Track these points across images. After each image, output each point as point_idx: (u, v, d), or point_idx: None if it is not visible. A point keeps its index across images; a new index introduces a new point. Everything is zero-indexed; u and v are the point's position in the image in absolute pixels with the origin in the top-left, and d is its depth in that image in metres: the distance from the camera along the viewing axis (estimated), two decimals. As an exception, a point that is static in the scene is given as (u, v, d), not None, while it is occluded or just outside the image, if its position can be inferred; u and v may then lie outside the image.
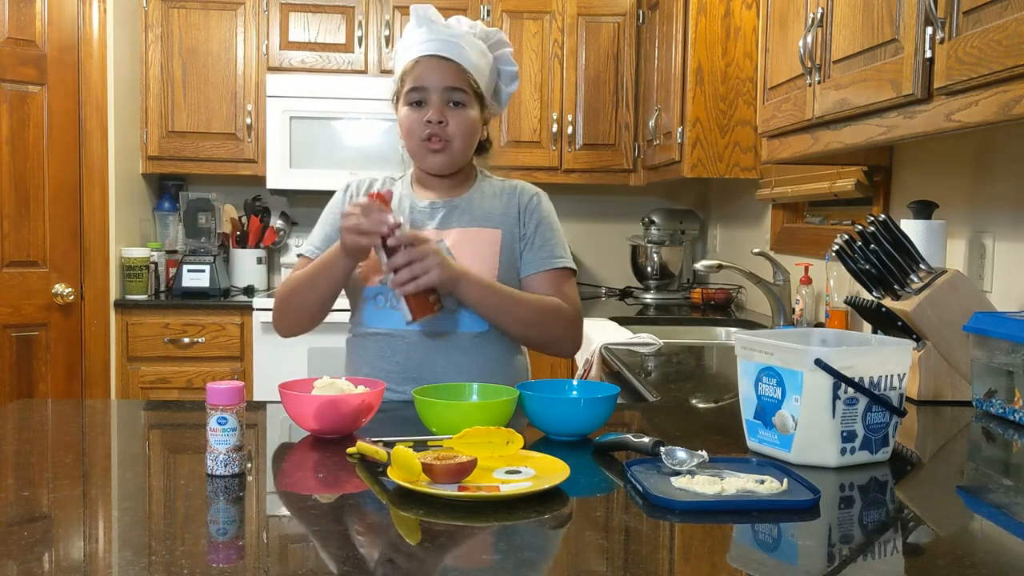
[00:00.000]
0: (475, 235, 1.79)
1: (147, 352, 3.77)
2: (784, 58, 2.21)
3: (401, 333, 1.76)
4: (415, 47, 1.77)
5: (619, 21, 4.11)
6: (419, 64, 1.76)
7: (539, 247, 1.82)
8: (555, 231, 1.85)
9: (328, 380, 1.44)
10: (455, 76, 1.76)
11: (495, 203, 1.84)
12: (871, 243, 1.80)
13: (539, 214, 1.84)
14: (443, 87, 1.75)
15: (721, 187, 4.22)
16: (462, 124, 1.77)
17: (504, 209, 1.83)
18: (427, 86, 1.76)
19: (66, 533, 1.00)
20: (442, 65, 1.76)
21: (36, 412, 1.63)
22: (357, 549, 0.97)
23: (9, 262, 3.44)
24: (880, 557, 0.97)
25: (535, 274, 1.81)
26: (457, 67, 1.76)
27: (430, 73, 1.76)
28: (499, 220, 1.82)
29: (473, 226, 1.80)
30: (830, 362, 1.23)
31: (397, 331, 1.76)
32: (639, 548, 0.98)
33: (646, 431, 1.48)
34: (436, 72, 1.76)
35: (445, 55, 1.76)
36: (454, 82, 1.76)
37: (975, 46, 1.40)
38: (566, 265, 1.83)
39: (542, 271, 1.81)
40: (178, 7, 3.97)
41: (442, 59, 1.75)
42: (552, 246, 1.83)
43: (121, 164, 3.81)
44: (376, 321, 1.79)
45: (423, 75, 1.76)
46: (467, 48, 1.78)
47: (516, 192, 1.86)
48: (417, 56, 1.76)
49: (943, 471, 1.39)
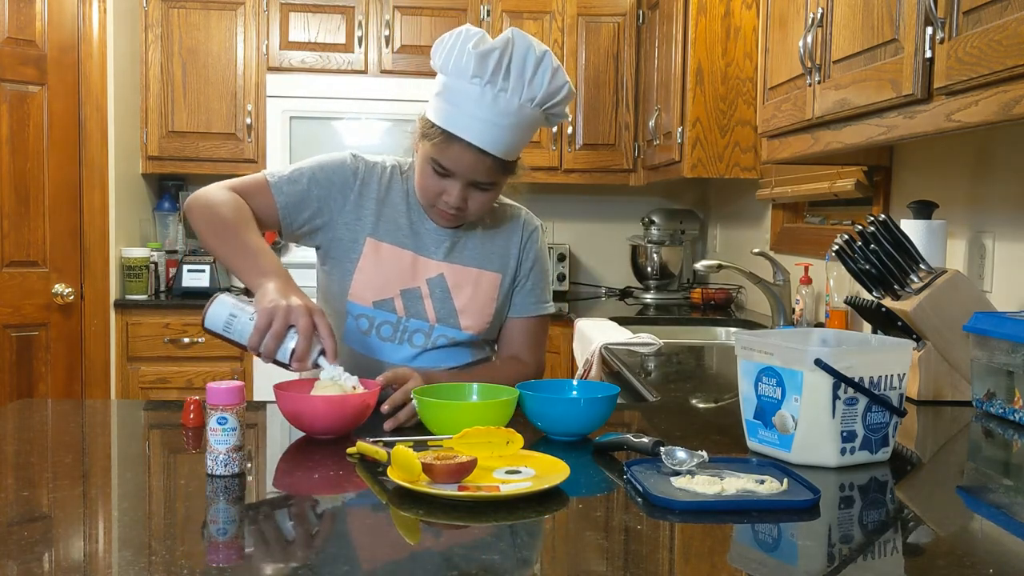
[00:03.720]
0: (476, 277, 1.71)
1: (147, 352, 3.77)
2: (784, 58, 2.21)
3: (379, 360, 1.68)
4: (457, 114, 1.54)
5: (619, 21, 4.11)
6: (453, 145, 1.55)
7: (529, 291, 1.78)
8: (545, 271, 1.81)
9: (328, 380, 1.43)
10: (491, 173, 1.59)
11: (498, 239, 1.75)
12: (871, 243, 1.80)
13: (535, 253, 1.79)
14: (470, 179, 1.59)
15: (721, 187, 4.22)
16: (482, 204, 1.64)
17: (505, 246, 1.75)
18: (453, 171, 1.58)
19: (66, 533, 1.00)
20: (480, 160, 1.56)
21: (36, 412, 1.62)
22: (357, 549, 0.97)
23: (9, 262, 3.44)
24: (880, 557, 0.97)
25: (519, 318, 1.78)
26: (496, 162, 1.57)
27: (465, 162, 1.57)
28: (500, 262, 1.74)
29: (475, 266, 1.72)
30: (830, 362, 1.23)
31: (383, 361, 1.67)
32: (639, 548, 0.98)
33: (646, 431, 1.48)
34: (472, 165, 1.57)
35: (490, 151, 1.55)
36: (486, 177, 1.59)
37: (975, 46, 1.40)
38: (549, 312, 1.81)
39: (526, 316, 1.78)
40: (178, 7, 3.97)
41: (479, 152, 1.55)
42: (540, 290, 1.79)
43: (121, 164, 3.80)
44: (356, 343, 1.70)
45: (456, 162, 1.57)
46: (519, 130, 1.57)
47: (519, 226, 1.78)
48: (454, 131, 1.54)
49: (943, 471, 1.39)
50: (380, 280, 1.67)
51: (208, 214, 1.61)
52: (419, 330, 1.68)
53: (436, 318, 1.68)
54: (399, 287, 1.68)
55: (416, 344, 1.69)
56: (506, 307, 1.77)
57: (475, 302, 1.70)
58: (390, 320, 1.68)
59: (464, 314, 1.69)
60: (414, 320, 1.68)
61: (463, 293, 1.70)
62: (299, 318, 1.39)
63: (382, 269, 1.68)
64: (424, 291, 1.68)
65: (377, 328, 1.68)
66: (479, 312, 1.70)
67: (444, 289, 1.69)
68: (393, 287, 1.67)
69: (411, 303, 1.68)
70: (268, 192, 1.67)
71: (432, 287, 1.69)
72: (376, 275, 1.67)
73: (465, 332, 1.70)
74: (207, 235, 1.61)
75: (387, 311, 1.67)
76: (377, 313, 1.67)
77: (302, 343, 1.39)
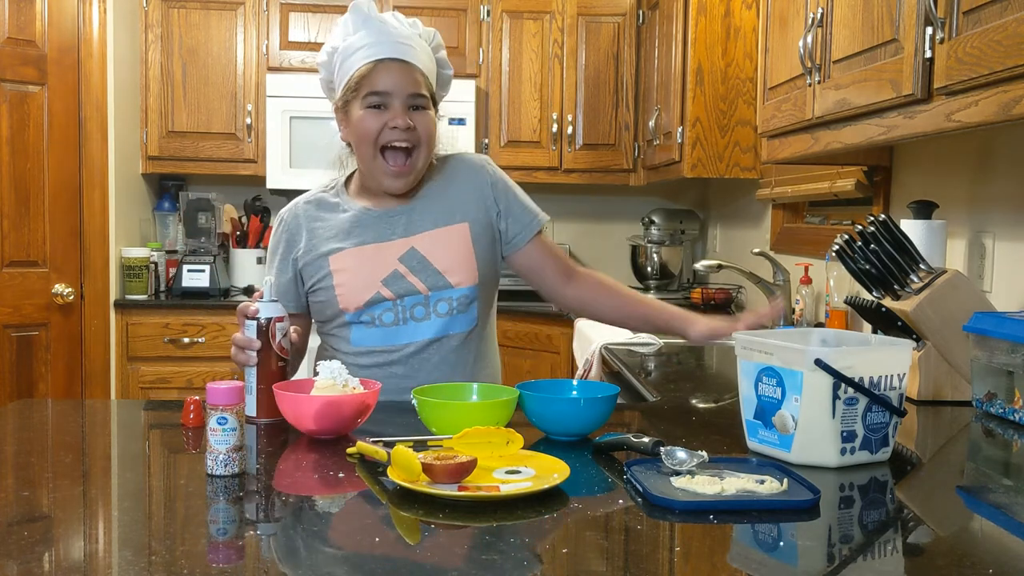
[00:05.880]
0: (446, 235, 1.74)
1: (147, 352, 3.77)
2: (784, 58, 2.21)
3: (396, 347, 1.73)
4: (366, 49, 1.69)
5: (619, 21, 4.11)
6: (377, 68, 1.68)
7: (518, 215, 1.81)
8: (517, 192, 1.84)
9: (329, 379, 1.43)
10: (416, 81, 1.69)
11: (451, 193, 1.78)
12: (871, 243, 1.80)
13: (496, 183, 1.81)
14: (407, 93, 1.68)
15: (721, 187, 4.22)
16: (427, 128, 1.70)
17: (462, 196, 1.78)
18: (390, 91, 1.68)
19: (66, 533, 1.00)
20: (403, 69, 1.68)
21: (36, 412, 1.63)
22: (357, 549, 0.97)
23: (9, 262, 3.44)
24: (880, 557, 0.97)
25: (528, 244, 1.81)
26: (416, 71, 1.70)
27: (391, 77, 1.67)
28: (461, 213, 1.76)
29: (440, 226, 1.75)
30: (830, 362, 1.23)
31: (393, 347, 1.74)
32: (639, 548, 0.98)
33: (646, 431, 1.48)
34: (398, 76, 1.68)
35: (404, 58, 1.68)
36: (416, 87, 1.69)
37: (975, 46, 1.40)
38: (546, 219, 1.86)
39: (533, 237, 1.81)
40: (178, 7, 3.96)
41: (402, 63, 1.68)
42: (525, 205, 1.83)
43: (121, 164, 3.80)
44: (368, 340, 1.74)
45: (384, 80, 1.67)
46: (418, 50, 1.72)
47: (469, 172, 1.81)
48: (373, 59, 1.68)
49: (943, 471, 1.39)
50: (359, 283, 1.72)
51: None
52: (416, 303, 1.73)
53: (427, 286, 1.72)
54: (378, 278, 1.72)
55: (418, 317, 1.73)
56: (492, 252, 1.79)
57: (455, 257, 1.74)
58: (387, 307, 1.72)
59: (450, 272, 1.73)
60: (408, 297, 1.72)
61: (439, 254, 1.73)
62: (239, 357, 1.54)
63: (355, 273, 1.72)
64: (402, 270, 1.73)
65: (379, 318, 1.73)
66: (463, 265, 1.74)
67: (420, 259, 1.73)
68: (373, 282, 1.72)
69: (396, 285, 1.72)
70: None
71: (407, 263, 1.73)
72: (353, 281, 1.72)
73: (459, 288, 1.73)
74: None
75: (378, 302, 1.72)
76: (372, 309, 1.72)
77: None
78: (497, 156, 4.11)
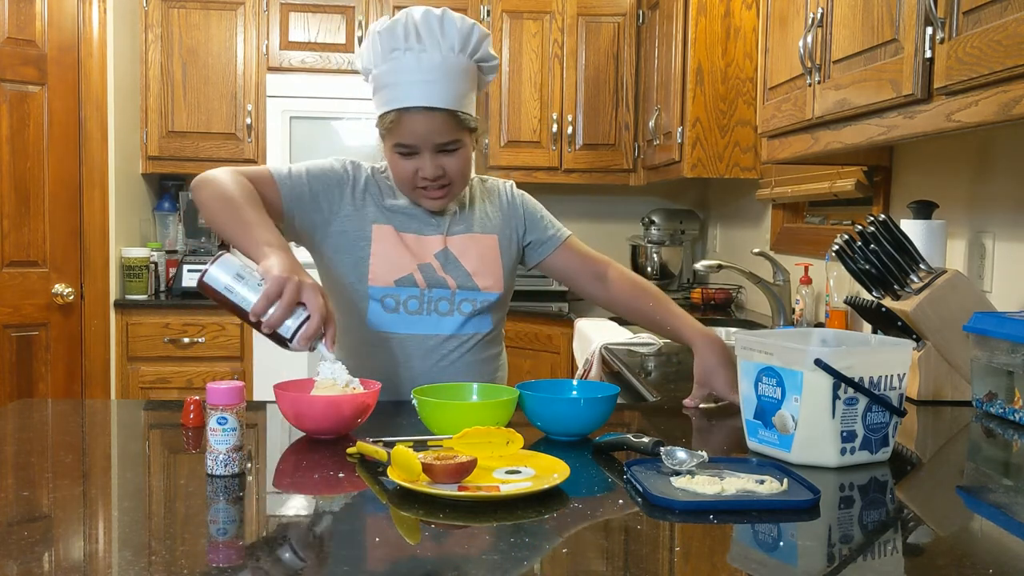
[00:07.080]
0: (478, 240, 1.79)
1: (147, 352, 3.77)
2: (784, 58, 2.21)
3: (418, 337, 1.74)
4: (391, 90, 1.62)
5: (619, 21, 4.11)
6: (403, 120, 1.62)
7: (544, 228, 1.86)
8: (541, 209, 1.90)
9: (329, 379, 1.43)
10: (448, 129, 1.64)
11: (485, 208, 1.84)
12: (871, 243, 1.80)
13: (521, 202, 1.87)
14: (433, 143, 1.64)
15: (721, 187, 4.22)
16: (459, 167, 1.69)
17: (492, 212, 1.84)
18: (416, 144, 1.64)
19: (66, 533, 1.00)
20: (428, 120, 1.62)
21: (36, 412, 1.62)
22: (357, 549, 0.97)
23: (9, 262, 3.44)
24: (880, 557, 0.97)
25: (559, 248, 1.86)
26: (449, 116, 1.63)
27: (417, 130, 1.63)
28: (491, 226, 1.82)
29: (472, 232, 1.80)
30: (830, 362, 1.23)
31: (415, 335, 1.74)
32: (639, 548, 0.98)
33: (646, 431, 1.48)
34: (423, 128, 1.62)
35: (430, 105, 1.61)
36: (442, 136, 1.64)
37: (975, 46, 1.40)
38: (568, 232, 1.90)
39: (561, 244, 1.86)
40: (178, 7, 3.96)
41: (427, 112, 1.61)
42: (549, 222, 1.88)
43: (121, 164, 3.81)
44: (384, 324, 1.73)
45: (409, 133, 1.63)
46: (453, 80, 1.63)
47: (496, 192, 1.87)
48: (398, 106, 1.62)
49: (943, 471, 1.39)
50: (396, 260, 1.73)
51: (215, 188, 1.60)
52: (443, 298, 1.75)
53: (456, 284, 1.75)
54: (415, 263, 1.74)
55: (442, 311, 1.75)
56: (513, 267, 1.84)
57: (484, 263, 1.77)
58: (414, 294, 1.73)
59: (478, 275, 1.76)
60: (436, 289, 1.74)
61: (470, 256, 1.77)
62: (312, 297, 1.38)
63: (395, 250, 1.74)
64: (436, 264, 1.75)
65: (404, 304, 1.73)
66: (490, 271, 1.78)
67: (452, 259, 1.76)
68: (410, 264, 1.73)
69: (428, 275, 1.74)
70: (273, 183, 1.71)
71: (441, 260, 1.76)
72: (391, 256, 1.73)
73: (484, 292, 1.76)
74: (213, 207, 1.59)
75: (409, 286, 1.73)
76: (400, 290, 1.73)
77: (315, 321, 1.37)
78: (497, 156, 4.11)
